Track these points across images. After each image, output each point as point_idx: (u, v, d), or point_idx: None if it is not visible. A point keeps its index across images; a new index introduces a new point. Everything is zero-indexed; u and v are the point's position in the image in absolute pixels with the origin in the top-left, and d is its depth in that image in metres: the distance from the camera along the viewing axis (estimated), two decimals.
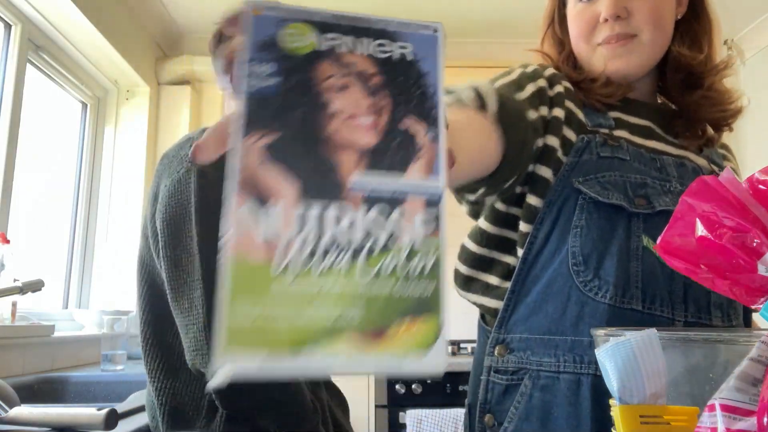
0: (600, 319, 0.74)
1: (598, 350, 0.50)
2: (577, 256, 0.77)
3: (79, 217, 2.62)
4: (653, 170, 0.81)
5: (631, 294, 0.75)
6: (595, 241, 0.76)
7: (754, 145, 3.08)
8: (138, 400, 1.35)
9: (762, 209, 0.41)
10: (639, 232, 0.76)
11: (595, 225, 0.77)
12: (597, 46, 0.86)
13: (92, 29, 2.26)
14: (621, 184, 0.77)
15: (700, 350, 0.49)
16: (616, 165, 0.79)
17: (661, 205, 0.76)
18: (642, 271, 0.75)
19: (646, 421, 0.47)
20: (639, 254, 0.75)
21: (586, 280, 0.76)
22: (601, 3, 0.84)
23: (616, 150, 0.81)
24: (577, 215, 0.77)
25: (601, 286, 0.75)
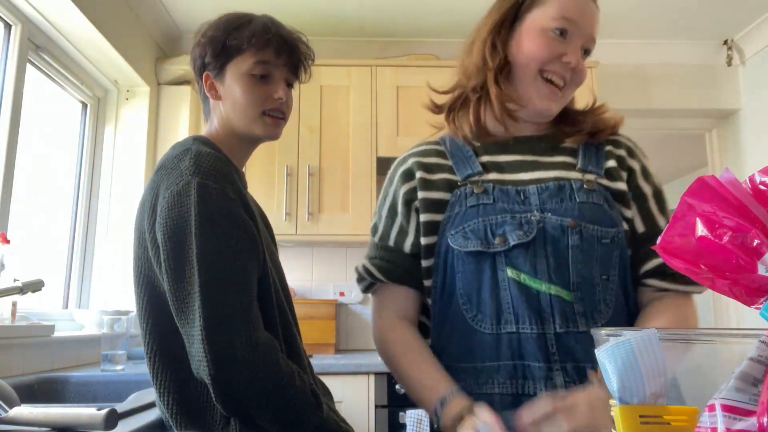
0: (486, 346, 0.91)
1: (598, 350, 0.50)
2: (463, 296, 0.94)
3: (79, 217, 2.62)
4: (516, 204, 0.95)
5: (504, 319, 0.90)
6: (471, 281, 0.93)
7: (754, 145, 3.08)
8: (138, 400, 1.35)
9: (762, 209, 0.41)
10: (503, 266, 0.91)
11: (468, 269, 0.94)
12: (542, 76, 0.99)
13: (92, 29, 2.26)
14: (482, 230, 0.93)
15: (700, 350, 0.49)
16: (480, 212, 0.95)
17: (515, 240, 0.91)
18: (512, 298, 0.90)
19: (646, 421, 0.47)
20: (506, 284, 0.91)
21: (472, 315, 0.93)
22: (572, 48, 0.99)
23: (482, 196, 0.96)
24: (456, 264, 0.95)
25: (483, 318, 0.92)
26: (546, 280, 0.90)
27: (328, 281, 2.97)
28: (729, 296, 0.44)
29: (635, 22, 2.93)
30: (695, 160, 4.98)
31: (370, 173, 2.67)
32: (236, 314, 0.85)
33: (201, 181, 0.90)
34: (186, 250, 0.87)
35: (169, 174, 0.94)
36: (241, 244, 0.91)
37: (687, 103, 3.16)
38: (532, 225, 0.92)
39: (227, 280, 0.87)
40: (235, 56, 1.09)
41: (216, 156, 0.97)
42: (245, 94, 1.08)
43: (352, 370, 2.23)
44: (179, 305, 0.87)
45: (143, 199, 1.00)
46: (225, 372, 0.82)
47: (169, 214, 0.89)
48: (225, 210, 0.91)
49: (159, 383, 0.94)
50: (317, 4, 2.75)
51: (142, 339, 0.96)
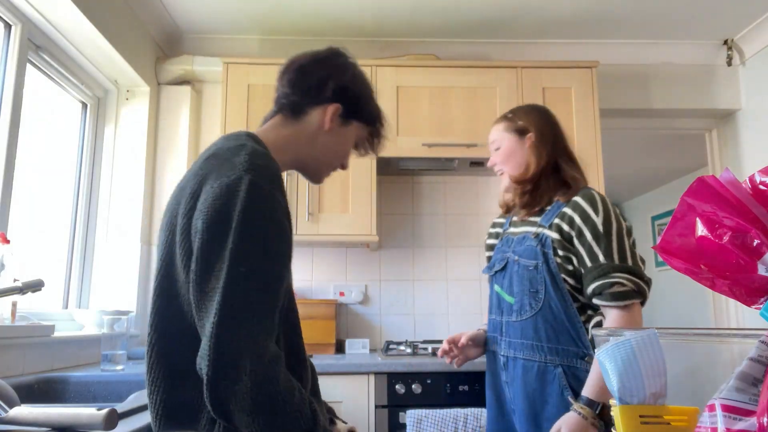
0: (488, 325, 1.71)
1: (598, 350, 0.50)
2: None
3: (79, 217, 2.62)
4: (506, 246, 1.66)
5: (492, 310, 1.68)
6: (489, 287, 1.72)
7: (754, 145, 3.08)
8: (138, 400, 1.35)
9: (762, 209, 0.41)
10: (494, 282, 1.68)
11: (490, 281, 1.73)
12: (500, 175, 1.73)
13: (92, 29, 2.26)
14: (492, 261, 1.72)
15: (700, 350, 0.49)
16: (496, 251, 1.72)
17: (496, 268, 1.67)
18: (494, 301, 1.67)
19: (646, 421, 0.47)
20: (494, 293, 1.67)
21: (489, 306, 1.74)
22: None
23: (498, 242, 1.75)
24: None
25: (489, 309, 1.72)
26: (505, 291, 1.61)
27: (328, 281, 2.97)
28: (729, 296, 0.44)
29: (635, 22, 2.93)
30: (695, 160, 4.98)
31: (370, 173, 2.67)
32: (253, 319, 0.83)
33: (253, 179, 0.89)
34: (221, 244, 0.86)
35: (221, 165, 0.93)
36: (277, 250, 0.90)
37: (687, 103, 3.16)
38: (504, 260, 1.63)
39: (254, 284, 0.85)
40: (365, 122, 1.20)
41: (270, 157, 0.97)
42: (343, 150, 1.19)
43: (352, 370, 2.23)
44: (201, 296, 0.86)
45: (183, 184, 0.98)
46: (223, 375, 0.80)
47: (214, 204, 0.88)
48: (269, 213, 0.90)
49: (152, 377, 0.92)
50: (317, 4, 2.75)
51: (148, 327, 0.94)
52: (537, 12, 2.83)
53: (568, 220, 1.50)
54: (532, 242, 1.54)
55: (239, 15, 2.85)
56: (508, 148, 1.65)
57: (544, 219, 1.56)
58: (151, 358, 0.93)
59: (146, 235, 2.78)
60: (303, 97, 1.14)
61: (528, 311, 1.52)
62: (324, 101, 1.13)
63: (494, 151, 1.68)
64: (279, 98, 1.17)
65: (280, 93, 1.17)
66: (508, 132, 1.66)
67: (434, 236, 3.04)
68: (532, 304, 1.51)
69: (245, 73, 2.72)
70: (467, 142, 2.67)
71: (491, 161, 1.69)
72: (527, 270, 1.52)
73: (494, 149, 1.68)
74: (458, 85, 2.75)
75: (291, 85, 1.15)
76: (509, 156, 1.65)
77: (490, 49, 3.10)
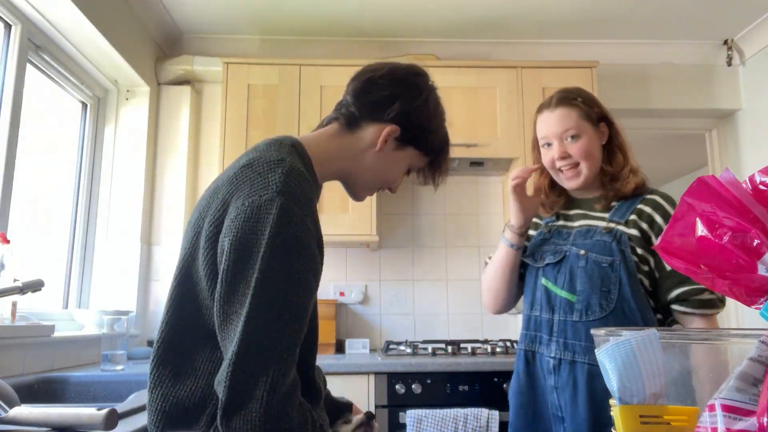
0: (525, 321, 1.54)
1: (599, 350, 0.50)
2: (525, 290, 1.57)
3: (79, 217, 2.62)
4: (560, 240, 1.51)
5: (534, 307, 1.50)
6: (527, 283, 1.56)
7: (754, 145, 3.08)
8: (138, 400, 1.35)
9: (762, 209, 0.41)
10: (540, 276, 1.50)
11: (529, 273, 1.56)
12: (558, 171, 1.52)
13: (92, 29, 2.26)
14: (536, 253, 1.54)
15: (700, 350, 0.48)
16: (541, 243, 1.55)
17: (547, 260, 1.49)
18: (540, 296, 1.49)
19: (646, 421, 0.47)
20: (540, 287, 1.49)
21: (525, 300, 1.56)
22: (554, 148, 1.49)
23: (546, 234, 1.56)
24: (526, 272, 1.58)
25: (526, 305, 1.55)
26: (560, 287, 1.45)
27: (328, 281, 2.97)
28: (729, 296, 0.44)
29: (635, 22, 2.93)
30: (695, 160, 4.98)
31: None
32: (273, 349, 0.82)
33: (284, 203, 0.86)
34: (247, 268, 0.84)
35: (254, 179, 0.90)
36: (303, 278, 0.87)
37: (687, 103, 3.16)
38: (561, 252, 1.47)
39: (276, 312, 0.83)
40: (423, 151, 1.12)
41: (306, 178, 0.93)
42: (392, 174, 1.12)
43: (352, 370, 2.23)
44: (224, 318, 0.85)
45: (218, 185, 0.96)
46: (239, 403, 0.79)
47: (243, 225, 0.85)
48: (298, 240, 0.87)
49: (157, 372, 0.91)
50: (317, 4, 2.75)
51: (162, 323, 0.94)
52: (537, 12, 2.83)
53: (647, 218, 1.42)
54: (605, 237, 1.41)
55: (239, 15, 2.85)
56: (590, 141, 1.47)
57: (617, 214, 1.45)
58: (159, 352, 0.92)
59: (146, 235, 2.78)
60: (363, 111, 1.08)
61: (597, 312, 1.37)
62: (383, 120, 1.07)
63: (568, 140, 1.47)
64: (340, 104, 1.11)
65: (343, 100, 1.11)
66: (586, 121, 1.48)
67: (434, 236, 3.04)
68: (603, 305, 1.37)
69: (245, 73, 2.72)
70: (467, 142, 2.67)
71: (561, 152, 1.47)
72: (599, 267, 1.39)
73: (568, 137, 1.46)
74: (458, 85, 2.75)
75: (355, 96, 1.09)
76: (591, 150, 1.47)
77: (490, 49, 3.10)
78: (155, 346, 0.93)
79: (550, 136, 1.49)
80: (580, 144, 1.46)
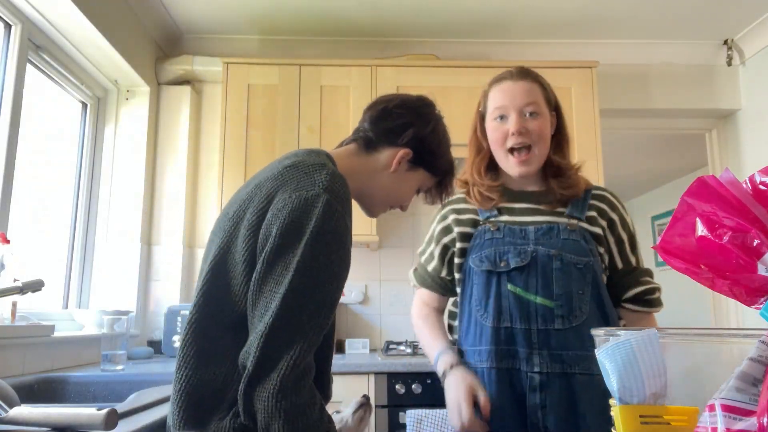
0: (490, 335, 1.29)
1: (598, 350, 0.50)
2: (476, 300, 1.34)
3: (79, 217, 2.62)
4: (518, 239, 1.33)
5: (503, 318, 1.29)
6: (483, 291, 1.33)
7: (754, 145, 3.08)
8: (138, 400, 1.35)
9: (762, 209, 0.41)
10: (505, 282, 1.30)
11: (481, 282, 1.34)
12: (507, 151, 1.36)
13: (92, 29, 2.26)
14: (492, 256, 1.33)
15: (700, 350, 0.48)
16: (493, 243, 1.34)
17: (513, 264, 1.30)
18: (509, 304, 1.29)
19: (646, 421, 0.47)
20: (507, 295, 1.30)
21: (481, 314, 1.33)
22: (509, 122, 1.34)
23: (495, 233, 1.35)
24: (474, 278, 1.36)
25: (488, 316, 1.31)
26: (534, 292, 1.28)
27: None
28: (729, 296, 0.44)
29: (635, 22, 2.93)
30: (695, 160, 4.98)
31: None
32: (301, 331, 0.89)
33: (330, 199, 0.95)
34: (289, 252, 0.91)
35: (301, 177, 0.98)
36: (339, 270, 0.95)
37: (687, 103, 3.16)
38: (527, 254, 1.31)
39: (311, 296, 0.91)
40: (432, 172, 1.25)
41: (346, 183, 1.02)
42: (404, 194, 1.24)
43: (352, 370, 2.23)
44: (258, 294, 0.91)
45: (259, 182, 1.02)
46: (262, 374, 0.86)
47: (291, 214, 0.93)
48: (339, 235, 0.95)
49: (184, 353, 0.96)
50: (317, 4, 2.75)
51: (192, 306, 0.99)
52: (537, 12, 2.83)
53: (602, 214, 1.37)
54: (573, 236, 1.31)
55: (239, 15, 2.85)
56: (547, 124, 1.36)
57: (575, 210, 1.36)
58: (187, 334, 0.96)
59: (146, 235, 2.78)
60: (379, 135, 1.19)
61: (579, 316, 1.27)
62: (398, 144, 1.18)
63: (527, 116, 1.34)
64: (358, 130, 1.23)
65: (360, 126, 1.23)
66: (545, 102, 1.38)
67: None
68: (582, 308, 1.27)
69: (245, 73, 2.72)
70: (467, 142, 2.67)
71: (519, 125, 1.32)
72: (575, 268, 1.28)
73: (528, 113, 1.34)
74: (458, 85, 2.75)
75: (372, 123, 1.20)
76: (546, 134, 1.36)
77: (490, 49, 3.10)
78: (185, 328, 0.98)
79: (508, 107, 1.34)
80: (539, 123, 1.33)
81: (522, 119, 1.33)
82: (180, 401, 0.93)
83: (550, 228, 1.33)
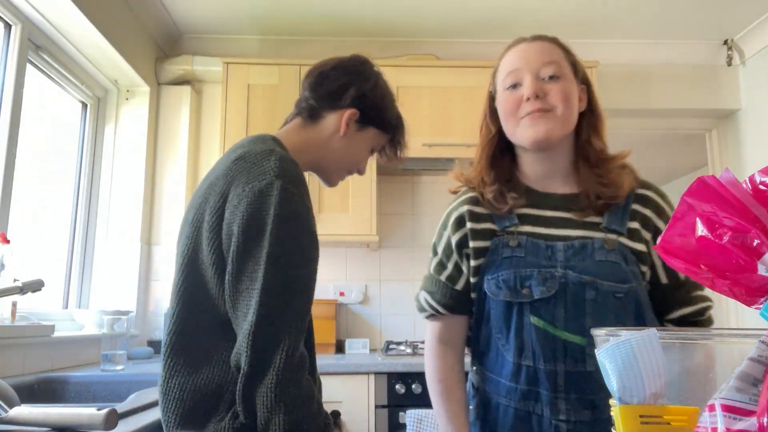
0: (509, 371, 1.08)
1: (598, 350, 0.50)
2: (495, 327, 1.11)
3: (79, 217, 2.62)
4: (543, 259, 1.07)
5: (525, 354, 1.07)
6: (501, 320, 1.10)
7: (754, 145, 3.08)
8: (138, 400, 1.35)
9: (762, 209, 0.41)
10: (527, 313, 1.06)
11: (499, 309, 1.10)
12: (520, 119, 1.10)
13: (92, 29, 2.26)
14: (512, 280, 1.07)
15: (700, 350, 0.48)
16: (513, 263, 1.09)
17: (538, 294, 1.05)
18: (532, 340, 1.06)
19: (646, 421, 0.47)
20: (529, 328, 1.06)
21: (503, 343, 1.10)
22: (523, 87, 1.09)
23: (515, 249, 1.10)
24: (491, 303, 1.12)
25: (509, 349, 1.09)
26: (562, 327, 1.04)
27: (328, 281, 2.97)
28: (729, 296, 0.44)
29: (635, 22, 2.93)
30: (695, 160, 4.98)
31: (370, 173, 2.67)
32: (287, 322, 0.88)
33: (284, 184, 0.93)
34: (256, 246, 0.90)
35: (250, 168, 0.96)
36: (309, 252, 0.94)
37: (687, 103, 3.16)
38: (555, 280, 1.05)
39: (287, 284, 0.90)
40: (382, 129, 1.21)
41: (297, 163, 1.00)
42: (358, 155, 1.21)
43: (352, 370, 2.23)
44: (236, 295, 0.91)
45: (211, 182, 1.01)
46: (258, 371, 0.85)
47: (248, 209, 0.91)
48: (301, 217, 0.94)
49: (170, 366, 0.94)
50: (317, 4, 2.75)
51: (169, 317, 0.97)
52: (537, 12, 2.83)
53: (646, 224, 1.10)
54: (612, 256, 1.05)
55: (239, 15, 2.85)
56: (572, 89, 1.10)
57: (614, 221, 1.09)
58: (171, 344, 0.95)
59: (146, 235, 2.78)
60: (321, 101, 1.17)
61: None
62: (342, 107, 1.16)
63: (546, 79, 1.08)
64: (299, 101, 1.20)
65: (301, 96, 1.20)
66: (569, 66, 1.12)
67: (434, 236, 3.04)
68: None
69: (245, 73, 2.72)
70: (467, 142, 2.67)
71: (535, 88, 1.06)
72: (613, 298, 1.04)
73: (547, 76, 1.08)
74: (458, 85, 2.75)
75: (311, 90, 1.18)
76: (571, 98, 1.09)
77: (490, 49, 3.10)
78: (166, 340, 0.96)
79: (522, 70, 1.09)
80: (561, 86, 1.07)
81: (538, 81, 1.08)
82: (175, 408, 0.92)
83: (583, 246, 1.07)
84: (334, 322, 2.71)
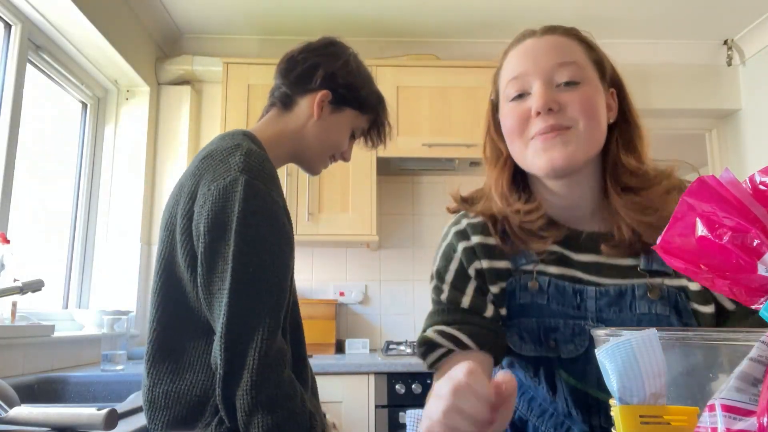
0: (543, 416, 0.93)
1: (598, 350, 0.50)
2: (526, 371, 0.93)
3: (79, 217, 2.62)
4: (571, 308, 0.86)
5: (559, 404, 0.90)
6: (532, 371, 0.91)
7: (754, 145, 3.08)
8: (138, 400, 1.35)
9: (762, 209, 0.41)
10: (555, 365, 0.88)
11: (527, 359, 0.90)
12: (530, 140, 0.85)
13: (92, 29, 2.26)
14: (536, 330, 0.88)
15: (700, 350, 0.48)
16: (534, 310, 0.88)
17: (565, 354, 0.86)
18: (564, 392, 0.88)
19: (646, 421, 0.47)
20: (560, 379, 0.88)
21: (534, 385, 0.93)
22: (531, 98, 0.85)
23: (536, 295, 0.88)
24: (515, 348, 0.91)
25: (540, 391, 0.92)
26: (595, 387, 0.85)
27: (328, 281, 2.97)
28: (729, 296, 0.44)
29: (635, 22, 2.93)
30: (695, 160, 4.98)
31: (370, 173, 2.67)
32: (258, 319, 0.86)
33: (249, 179, 0.90)
34: (223, 246, 0.88)
35: (216, 166, 0.94)
36: (278, 247, 0.92)
37: (687, 103, 3.16)
38: (585, 337, 0.85)
39: (258, 283, 0.88)
40: (360, 109, 1.17)
41: (265, 157, 0.97)
42: (336, 139, 1.16)
43: (352, 370, 2.23)
44: (209, 298, 0.89)
45: (181, 182, 1.00)
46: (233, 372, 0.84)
47: (213, 207, 0.90)
48: (268, 212, 0.91)
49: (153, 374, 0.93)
50: (317, 4, 2.75)
51: (149, 323, 0.96)
52: (537, 12, 2.83)
53: None
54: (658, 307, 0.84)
55: (239, 15, 2.85)
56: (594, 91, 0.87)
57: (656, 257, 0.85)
58: (153, 352, 0.94)
59: (146, 235, 2.78)
60: (292, 87, 1.14)
61: None
62: (313, 89, 1.13)
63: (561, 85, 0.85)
64: (272, 91, 1.18)
65: (273, 85, 1.18)
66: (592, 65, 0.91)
67: (434, 236, 3.04)
68: None
69: (245, 73, 2.72)
70: (467, 142, 2.67)
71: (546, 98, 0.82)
72: None
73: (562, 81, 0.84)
74: (458, 85, 2.75)
75: (281, 76, 1.16)
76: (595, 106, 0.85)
77: (490, 49, 3.10)
78: (148, 348, 0.95)
79: (529, 74, 0.85)
80: (582, 93, 0.84)
81: (550, 89, 0.84)
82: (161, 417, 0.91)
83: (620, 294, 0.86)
84: (334, 322, 2.71)
